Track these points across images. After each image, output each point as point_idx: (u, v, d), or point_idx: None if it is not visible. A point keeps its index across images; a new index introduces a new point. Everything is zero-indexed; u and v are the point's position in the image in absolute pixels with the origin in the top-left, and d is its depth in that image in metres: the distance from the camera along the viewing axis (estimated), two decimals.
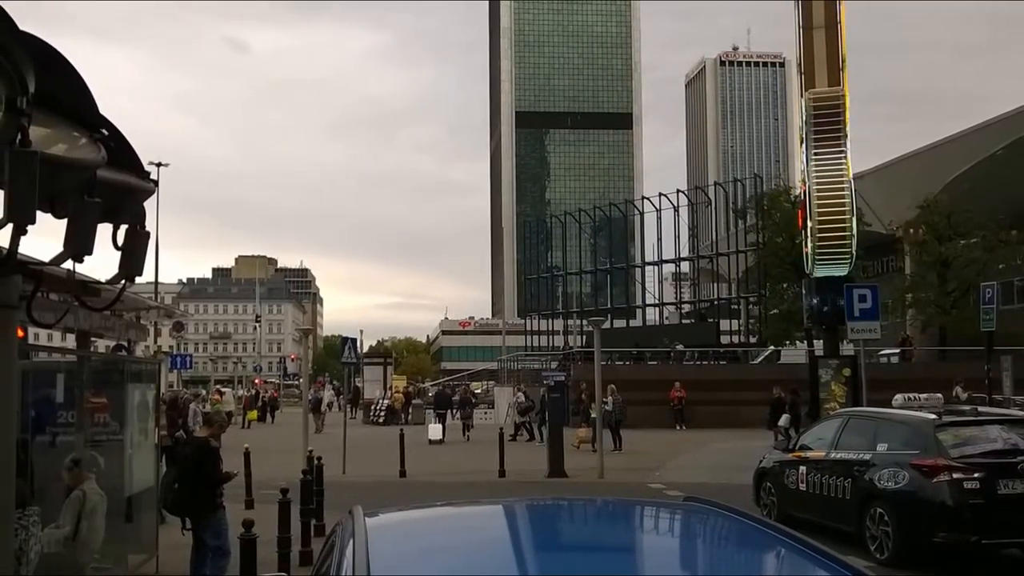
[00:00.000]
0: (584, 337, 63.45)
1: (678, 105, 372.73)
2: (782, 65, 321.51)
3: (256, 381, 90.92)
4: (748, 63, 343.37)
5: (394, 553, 3.75)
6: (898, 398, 16.56)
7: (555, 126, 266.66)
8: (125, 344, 18.96)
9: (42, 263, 3.90)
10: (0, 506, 3.57)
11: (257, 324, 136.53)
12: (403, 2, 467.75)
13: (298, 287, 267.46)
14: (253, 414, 57.77)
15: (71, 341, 14.04)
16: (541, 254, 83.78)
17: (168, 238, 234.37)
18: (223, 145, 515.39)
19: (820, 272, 33.02)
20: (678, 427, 44.19)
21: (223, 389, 63.54)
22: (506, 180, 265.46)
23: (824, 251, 32.94)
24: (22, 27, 3.22)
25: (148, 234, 4.12)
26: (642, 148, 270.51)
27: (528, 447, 36.40)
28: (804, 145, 34.00)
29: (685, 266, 73.55)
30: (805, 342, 52.57)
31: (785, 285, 56.49)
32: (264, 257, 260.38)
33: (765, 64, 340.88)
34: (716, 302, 69.09)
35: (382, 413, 55.95)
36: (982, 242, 47.43)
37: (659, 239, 69.18)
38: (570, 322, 74.86)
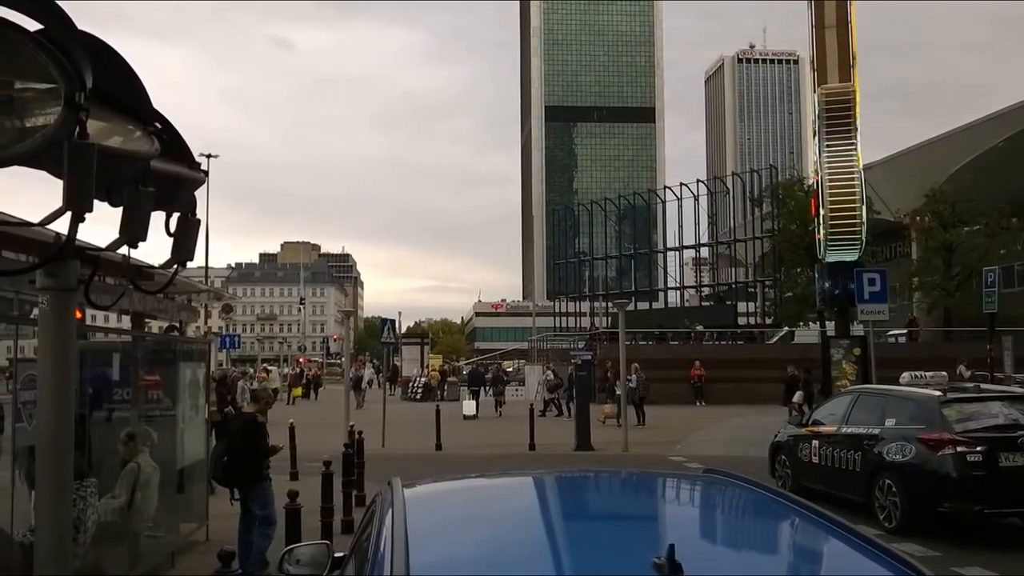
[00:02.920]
0: (609, 318, 63.46)
1: (698, 100, 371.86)
2: (796, 62, 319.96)
3: (300, 360, 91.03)
4: (764, 60, 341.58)
5: (431, 522, 3.75)
6: (905, 376, 16.53)
7: (582, 120, 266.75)
8: (177, 325, 19.03)
9: (99, 249, 3.90)
10: (59, 478, 3.58)
11: (301, 306, 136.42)
12: (440, 3, 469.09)
13: (340, 271, 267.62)
14: (298, 391, 57.89)
15: (126, 322, 14.09)
16: (569, 240, 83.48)
17: (217, 225, 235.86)
18: (269, 138, 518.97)
19: (832, 257, 32.96)
20: (698, 403, 44.11)
21: (269, 367, 63.68)
22: (536, 170, 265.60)
23: (836, 237, 32.88)
24: (80, 27, 3.22)
25: (199, 221, 4.11)
26: (664, 140, 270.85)
27: (557, 422, 36.39)
28: (817, 138, 33.92)
29: (704, 252, 73.14)
30: (818, 323, 52.38)
31: (799, 270, 56.13)
32: (308, 243, 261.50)
33: (780, 61, 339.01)
34: (734, 286, 68.74)
35: (419, 390, 56.08)
36: (984, 229, 47.05)
37: (680, 226, 69.05)
38: (596, 304, 74.62)
